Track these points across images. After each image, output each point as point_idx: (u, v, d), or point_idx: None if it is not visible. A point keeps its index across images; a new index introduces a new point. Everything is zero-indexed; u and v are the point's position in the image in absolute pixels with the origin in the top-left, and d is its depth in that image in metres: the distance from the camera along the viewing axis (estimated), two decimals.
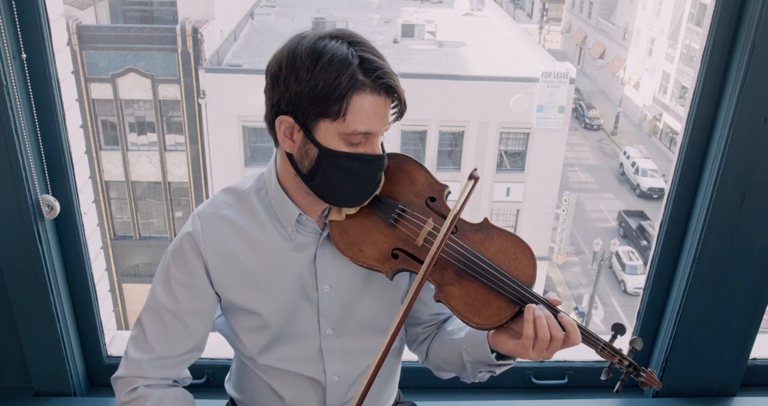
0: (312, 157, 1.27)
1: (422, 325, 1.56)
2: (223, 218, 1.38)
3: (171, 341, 1.41)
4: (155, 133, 15.30)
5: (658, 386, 1.36)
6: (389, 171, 1.38)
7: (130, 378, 1.41)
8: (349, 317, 1.45)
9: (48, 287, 1.88)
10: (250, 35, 18.46)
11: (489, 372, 1.43)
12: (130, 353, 1.42)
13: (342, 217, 1.36)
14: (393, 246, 1.35)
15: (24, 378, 2.05)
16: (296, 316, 1.43)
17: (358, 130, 1.24)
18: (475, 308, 1.32)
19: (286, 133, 1.28)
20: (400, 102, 1.28)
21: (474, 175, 1.30)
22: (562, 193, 18.70)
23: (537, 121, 15.82)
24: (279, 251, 1.38)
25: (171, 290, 1.38)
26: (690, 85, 1.90)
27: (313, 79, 1.20)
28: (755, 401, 2.17)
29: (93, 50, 14.38)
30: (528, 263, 1.33)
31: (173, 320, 1.39)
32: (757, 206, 1.85)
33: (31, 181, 1.78)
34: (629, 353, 1.37)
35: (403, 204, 1.36)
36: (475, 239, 1.35)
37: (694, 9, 25.56)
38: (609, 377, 1.37)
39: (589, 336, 1.33)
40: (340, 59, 1.20)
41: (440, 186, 1.38)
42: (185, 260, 1.38)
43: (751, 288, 1.96)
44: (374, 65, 1.22)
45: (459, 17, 21.52)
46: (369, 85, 1.22)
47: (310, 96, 1.21)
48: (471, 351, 1.41)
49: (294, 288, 1.40)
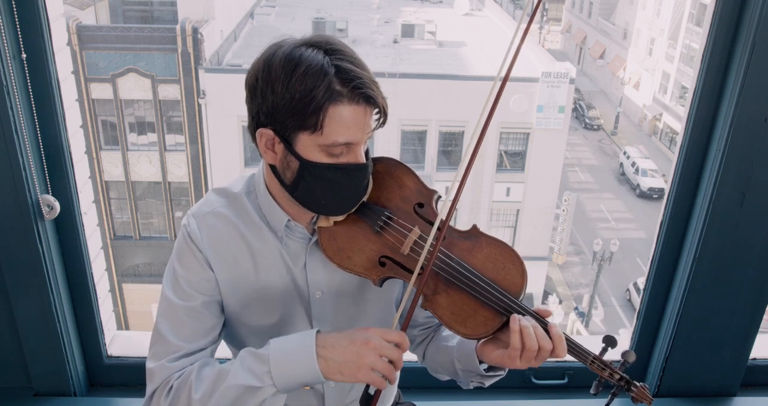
0: (294, 169, 1.25)
1: (419, 327, 1.55)
2: (218, 214, 1.37)
3: (193, 337, 1.35)
4: (155, 133, 15.31)
5: (649, 402, 1.32)
6: (378, 176, 1.36)
7: (162, 385, 1.33)
8: (342, 322, 1.44)
9: (48, 287, 1.88)
10: (250, 35, 18.46)
11: (479, 382, 1.42)
12: (152, 366, 1.33)
13: (330, 223, 1.34)
14: (380, 254, 1.33)
15: (24, 378, 2.05)
16: (289, 321, 1.42)
17: (337, 141, 1.20)
18: (462, 318, 1.29)
19: (267, 145, 1.26)
20: (381, 110, 1.24)
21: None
22: (562, 193, 18.70)
23: (537, 121, 15.83)
24: (271, 252, 1.37)
25: (182, 289, 1.36)
26: (690, 85, 1.90)
27: (289, 91, 1.17)
28: (755, 401, 2.17)
29: (93, 50, 14.39)
30: (517, 272, 1.30)
31: (190, 317, 1.35)
32: (757, 206, 1.85)
33: (31, 181, 1.78)
34: (621, 366, 1.33)
35: (390, 211, 1.34)
36: (463, 248, 1.32)
37: (694, 9, 25.57)
38: (599, 391, 1.33)
39: (578, 349, 1.31)
40: (315, 70, 1.17)
41: (429, 191, 1.35)
42: (188, 258, 1.37)
43: (751, 288, 1.96)
44: (351, 75, 1.18)
45: (459, 17, 21.52)
46: (346, 96, 1.18)
47: (287, 108, 1.18)
48: (461, 360, 1.40)
49: (286, 291, 1.40)
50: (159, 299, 1.40)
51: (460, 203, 14.04)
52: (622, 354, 1.33)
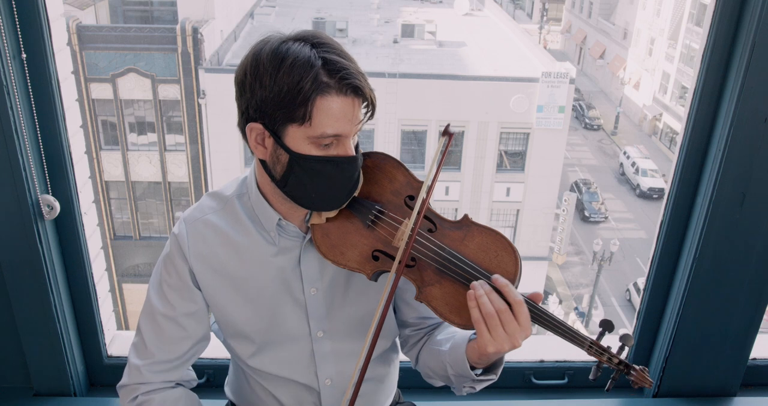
0: (283, 163, 1.26)
1: (410, 327, 1.54)
2: (208, 223, 1.39)
3: (169, 345, 1.42)
4: (155, 133, 15.30)
5: (649, 385, 1.30)
6: (367, 170, 1.36)
7: (133, 386, 1.43)
8: (338, 318, 1.44)
9: (48, 287, 1.88)
10: (250, 35, 18.45)
11: (470, 387, 1.40)
12: (131, 360, 1.44)
13: (323, 220, 1.35)
14: (373, 248, 1.33)
15: (24, 378, 2.05)
16: (284, 320, 1.42)
17: (326, 132, 1.21)
18: (456, 308, 1.29)
19: (257, 140, 1.26)
20: (369, 101, 1.25)
21: (449, 131, 1.26)
22: (562, 193, 18.70)
23: (537, 121, 15.82)
24: (263, 255, 1.38)
25: (164, 294, 1.40)
26: (690, 85, 1.90)
27: (277, 84, 1.18)
28: (755, 401, 2.17)
29: (93, 50, 14.39)
30: (509, 260, 1.29)
31: (169, 324, 1.40)
32: (757, 206, 1.85)
33: (31, 181, 1.78)
34: (619, 350, 1.31)
35: (381, 205, 1.34)
36: (455, 237, 1.32)
37: (694, 9, 25.56)
38: (597, 376, 1.31)
39: (576, 335, 1.27)
40: (302, 62, 1.18)
41: (419, 183, 1.35)
42: (174, 263, 1.39)
43: (751, 288, 1.96)
44: (338, 66, 1.19)
45: (459, 17, 21.51)
46: (334, 87, 1.19)
47: (275, 101, 1.20)
48: (453, 365, 1.39)
49: (279, 292, 1.40)
50: (145, 295, 1.43)
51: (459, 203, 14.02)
52: (620, 338, 1.30)
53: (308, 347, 1.44)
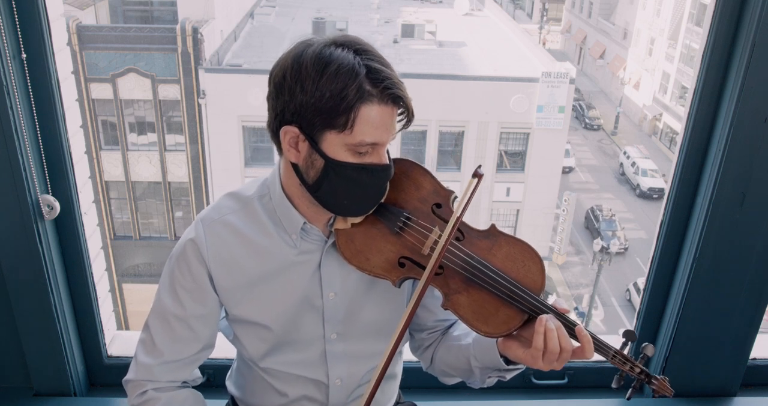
0: (318, 168, 1.25)
1: (427, 331, 1.54)
2: (227, 224, 1.37)
3: (179, 346, 1.41)
4: (155, 133, 15.30)
5: (670, 394, 1.34)
6: (394, 177, 1.35)
7: (140, 382, 1.42)
8: (354, 322, 1.44)
9: (48, 287, 1.88)
10: (250, 35, 18.46)
11: (498, 377, 1.42)
12: (139, 357, 1.42)
13: (347, 225, 1.34)
14: (400, 254, 1.33)
15: (24, 378, 2.05)
16: (300, 322, 1.42)
17: (365, 141, 1.21)
18: (484, 316, 1.30)
19: (291, 143, 1.25)
20: (407, 111, 1.26)
21: (478, 173, 1.27)
22: (562, 193, 18.70)
23: (537, 121, 15.82)
24: (283, 258, 1.37)
25: (176, 295, 1.38)
26: (690, 85, 1.90)
27: (320, 89, 1.17)
28: (755, 401, 2.17)
29: (93, 50, 14.38)
30: (537, 270, 1.32)
31: (180, 324, 1.39)
32: (757, 206, 1.85)
33: (31, 181, 1.78)
34: (641, 360, 1.34)
35: (409, 212, 1.34)
36: (482, 247, 1.33)
37: (694, 9, 25.55)
38: (621, 385, 1.34)
39: (601, 345, 1.31)
40: (347, 69, 1.17)
41: (446, 192, 1.36)
42: (189, 265, 1.37)
43: (751, 288, 1.96)
44: (382, 75, 1.19)
45: (459, 17, 21.51)
46: (377, 96, 1.19)
47: (316, 107, 1.19)
48: (479, 357, 1.39)
49: (297, 295, 1.39)
50: (156, 292, 1.42)
51: None
52: (641, 348, 1.35)
53: (321, 348, 1.44)
